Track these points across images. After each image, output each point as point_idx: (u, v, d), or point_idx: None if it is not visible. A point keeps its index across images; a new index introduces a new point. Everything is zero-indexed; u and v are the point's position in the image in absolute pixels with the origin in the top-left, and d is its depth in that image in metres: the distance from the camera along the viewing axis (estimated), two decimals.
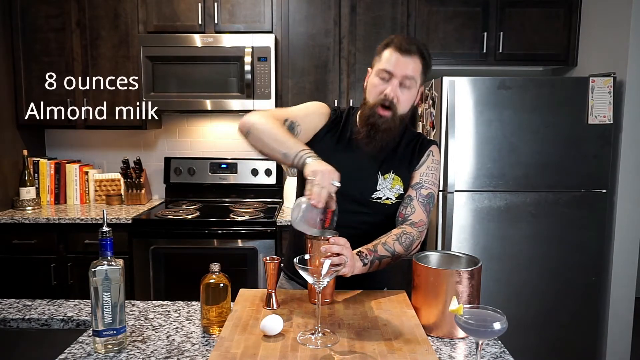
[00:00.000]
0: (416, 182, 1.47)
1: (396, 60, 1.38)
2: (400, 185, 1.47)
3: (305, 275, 1.10)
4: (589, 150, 2.52)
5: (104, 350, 1.11)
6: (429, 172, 1.49)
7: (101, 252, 1.10)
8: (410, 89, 1.40)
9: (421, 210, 1.45)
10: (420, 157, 1.50)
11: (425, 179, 1.48)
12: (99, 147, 3.33)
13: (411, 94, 1.42)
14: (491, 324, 0.95)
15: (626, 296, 2.65)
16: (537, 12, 2.90)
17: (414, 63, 1.39)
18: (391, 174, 1.46)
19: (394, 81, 1.38)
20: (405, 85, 1.39)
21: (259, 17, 2.89)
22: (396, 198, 1.46)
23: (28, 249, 2.74)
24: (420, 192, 1.46)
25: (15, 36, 2.92)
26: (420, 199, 1.45)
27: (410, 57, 1.39)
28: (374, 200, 1.45)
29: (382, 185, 1.45)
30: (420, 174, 1.48)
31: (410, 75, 1.39)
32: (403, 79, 1.38)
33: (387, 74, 1.39)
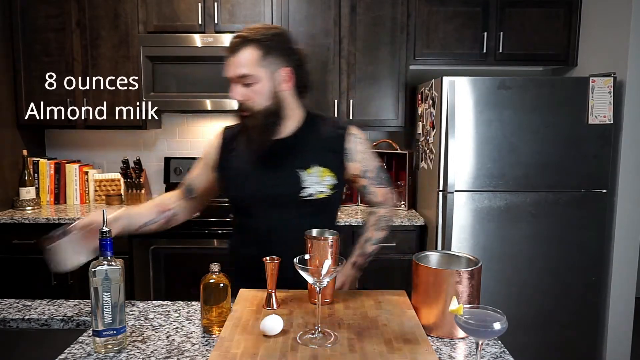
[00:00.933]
0: (361, 171, 1.47)
1: (228, 63, 1.36)
2: (331, 177, 1.43)
3: (305, 275, 1.10)
4: (589, 150, 2.52)
5: (104, 350, 1.11)
6: (364, 156, 1.48)
7: (101, 252, 1.10)
8: (255, 85, 1.35)
9: (379, 189, 1.51)
10: (343, 144, 1.45)
11: (365, 163, 1.48)
12: (99, 147, 3.33)
13: (259, 87, 1.36)
14: (491, 324, 0.95)
15: (626, 296, 2.64)
16: (537, 12, 2.90)
17: (243, 59, 1.34)
18: (316, 167, 1.42)
19: (233, 84, 1.38)
20: (245, 82, 1.35)
21: (259, 17, 2.89)
22: (331, 189, 1.42)
23: (28, 249, 2.73)
24: (369, 176, 1.49)
25: (15, 36, 2.92)
26: (373, 181, 1.50)
27: (237, 55, 1.35)
28: (305, 198, 1.41)
29: (308, 180, 1.41)
30: (359, 162, 1.47)
31: (243, 73, 1.34)
32: (239, 79, 1.36)
33: (229, 79, 1.38)
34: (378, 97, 2.97)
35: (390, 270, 2.75)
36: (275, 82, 1.38)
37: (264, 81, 1.36)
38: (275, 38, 1.37)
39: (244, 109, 1.39)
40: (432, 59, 2.96)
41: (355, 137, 1.47)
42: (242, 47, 1.34)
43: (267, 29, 1.39)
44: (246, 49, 1.34)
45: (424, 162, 2.84)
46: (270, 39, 1.36)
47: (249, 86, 1.36)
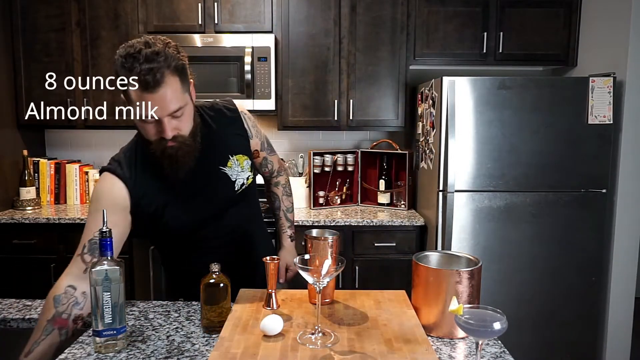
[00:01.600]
0: (259, 145, 1.54)
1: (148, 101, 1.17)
2: (246, 159, 1.46)
3: (305, 275, 1.10)
4: (589, 150, 2.52)
5: (104, 350, 1.11)
6: (257, 130, 1.54)
7: (101, 252, 1.10)
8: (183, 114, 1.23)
9: (274, 156, 1.63)
10: (242, 125, 1.48)
11: (260, 136, 1.55)
12: (99, 147, 3.33)
13: (187, 113, 1.25)
14: (491, 324, 0.95)
15: (626, 296, 2.64)
16: (537, 12, 2.90)
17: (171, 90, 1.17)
18: (232, 158, 1.42)
19: (165, 121, 1.20)
20: (177, 115, 1.21)
21: (259, 17, 2.89)
22: (251, 171, 1.47)
23: (28, 249, 2.74)
24: (265, 147, 1.58)
25: (15, 36, 2.92)
26: (269, 151, 1.60)
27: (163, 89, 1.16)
28: (240, 190, 1.43)
29: (233, 173, 1.42)
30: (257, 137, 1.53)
31: (175, 108, 1.19)
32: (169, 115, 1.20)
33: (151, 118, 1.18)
34: (378, 97, 2.97)
35: (390, 270, 2.75)
36: (192, 100, 1.29)
37: (189, 106, 1.26)
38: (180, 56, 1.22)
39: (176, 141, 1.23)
40: (432, 59, 2.96)
41: (245, 114, 1.51)
42: (163, 79, 1.16)
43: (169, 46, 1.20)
44: (168, 79, 1.17)
45: (424, 162, 2.84)
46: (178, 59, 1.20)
47: (178, 118, 1.22)
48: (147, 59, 1.15)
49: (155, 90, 1.16)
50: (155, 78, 1.14)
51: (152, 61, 1.15)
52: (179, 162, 1.27)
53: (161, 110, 1.18)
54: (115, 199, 1.28)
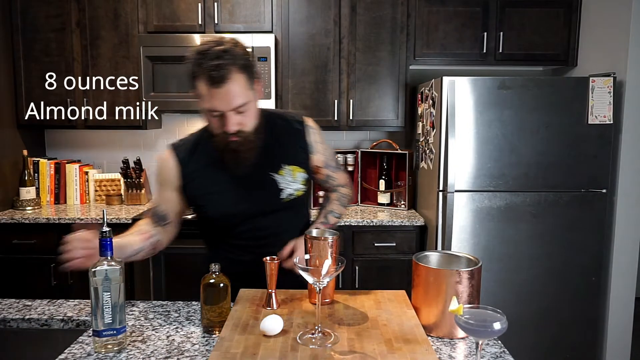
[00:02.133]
0: (323, 162, 1.52)
1: (215, 96, 1.24)
2: (302, 172, 1.45)
3: (305, 275, 1.10)
4: (589, 150, 2.52)
5: (104, 350, 1.11)
6: (323, 146, 1.52)
7: (101, 252, 1.10)
8: (247, 110, 1.30)
9: (340, 173, 1.59)
10: (305, 138, 1.46)
11: (325, 152, 1.52)
12: (99, 147, 3.33)
13: (251, 110, 1.32)
14: (491, 324, 0.95)
15: (626, 296, 2.65)
16: (537, 12, 2.90)
17: (237, 86, 1.25)
18: (286, 167, 1.43)
19: (228, 115, 1.27)
20: (240, 111, 1.29)
21: (259, 17, 2.89)
22: (304, 185, 1.46)
23: (28, 249, 2.74)
24: (330, 164, 1.55)
25: (15, 36, 2.92)
26: (334, 170, 1.56)
27: (228, 84, 1.23)
28: (286, 199, 1.43)
29: (283, 182, 1.42)
30: (321, 153, 1.50)
31: (240, 104, 1.27)
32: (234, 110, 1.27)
33: (215, 112, 1.28)
34: (378, 97, 2.97)
35: (390, 270, 2.75)
36: (257, 99, 1.35)
37: (253, 104, 1.33)
38: (248, 55, 1.30)
39: (238, 135, 1.31)
40: (432, 59, 2.96)
41: (312, 129, 1.49)
42: (230, 75, 1.23)
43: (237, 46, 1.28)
44: (234, 76, 1.24)
45: (424, 162, 2.84)
46: (246, 58, 1.29)
47: (242, 113, 1.30)
48: (216, 56, 1.23)
49: (221, 86, 1.23)
50: (221, 74, 1.22)
51: (220, 58, 1.23)
52: (241, 157, 1.35)
53: (226, 105, 1.26)
54: (169, 176, 1.43)
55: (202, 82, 1.25)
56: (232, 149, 1.34)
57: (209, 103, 1.27)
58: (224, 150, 1.35)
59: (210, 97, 1.26)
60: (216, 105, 1.26)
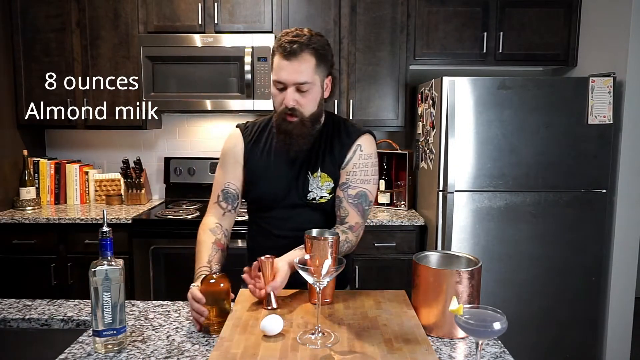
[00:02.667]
0: (343, 182, 1.46)
1: (284, 68, 1.34)
2: (329, 182, 1.46)
3: (305, 275, 1.10)
4: (589, 150, 2.52)
5: (104, 350, 1.11)
6: (357, 170, 1.45)
7: (101, 252, 1.10)
8: (309, 91, 1.36)
9: (354, 212, 1.45)
10: (345, 153, 1.45)
11: (353, 177, 1.44)
12: (99, 147, 3.33)
13: (312, 94, 1.38)
14: (491, 324, 0.95)
15: (626, 296, 2.65)
16: (537, 12, 2.90)
17: (304, 64, 1.33)
18: (319, 172, 1.45)
19: (289, 90, 1.35)
20: (301, 89, 1.35)
21: (259, 17, 2.89)
22: (329, 194, 1.47)
23: (28, 249, 2.74)
24: (348, 193, 1.45)
25: (15, 36, 2.92)
26: (350, 200, 1.44)
27: (296, 60, 1.33)
28: (309, 201, 1.46)
29: (313, 185, 1.45)
30: (347, 173, 1.45)
31: (302, 80, 1.34)
32: (297, 85, 1.35)
33: (280, 84, 1.36)
34: (378, 97, 2.97)
35: (390, 270, 2.75)
36: (322, 90, 1.42)
37: (316, 88, 1.38)
38: (326, 47, 1.39)
39: (294, 114, 1.38)
40: (432, 59, 2.96)
41: (359, 148, 1.45)
42: (301, 52, 1.32)
43: (316, 35, 1.38)
44: (305, 55, 1.33)
45: (424, 162, 2.84)
46: (322, 46, 1.37)
47: (302, 93, 1.36)
48: (295, 35, 1.35)
49: (290, 59, 1.33)
50: (292, 48, 1.32)
51: (297, 36, 1.34)
52: (292, 140, 1.40)
53: (290, 77, 1.34)
54: (237, 153, 1.51)
55: (277, 55, 1.35)
56: (286, 130, 1.39)
57: (277, 74, 1.36)
58: (279, 129, 1.41)
59: (279, 68, 1.35)
60: (282, 76, 1.34)
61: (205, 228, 1.50)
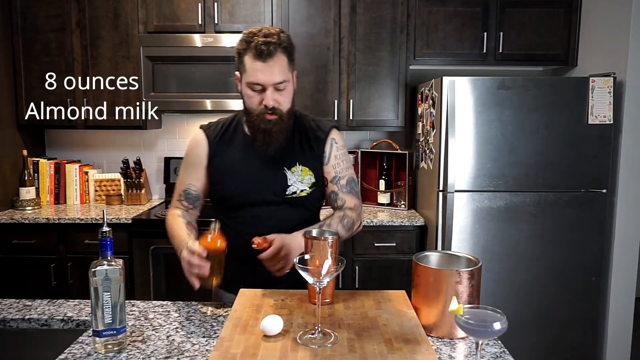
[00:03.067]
0: (333, 177, 1.50)
1: (260, 70, 1.34)
2: (310, 175, 1.48)
3: (305, 275, 1.10)
4: (589, 150, 2.52)
5: (104, 350, 1.11)
6: (339, 162, 1.51)
7: (101, 252, 1.10)
8: (285, 89, 1.40)
9: (350, 198, 1.51)
10: (323, 147, 1.50)
11: (339, 169, 1.51)
12: (99, 147, 3.33)
13: (289, 90, 1.41)
14: (491, 324, 0.95)
15: (626, 296, 2.65)
16: (537, 12, 2.90)
17: (279, 64, 1.36)
18: (297, 166, 1.47)
19: (269, 91, 1.37)
20: (279, 88, 1.38)
21: (259, 17, 2.89)
22: (310, 187, 1.47)
23: (28, 249, 2.74)
24: (341, 184, 1.50)
25: (15, 36, 2.92)
26: (344, 190, 1.50)
27: (272, 61, 1.34)
28: (289, 196, 1.46)
29: (292, 179, 1.47)
30: (333, 167, 1.50)
31: (280, 80, 1.37)
32: (275, 85, 1.37)
33: (257, 85, 1.37)
34: (378, 97, 2.97)
35: (390, 270, 2.75)
36: (294, 85, 1.45)
37: (290, 85, 1.42)
38: (292, 43, 1.41)
39: (274, 113, 1.39)
40: (432, 59, 2.96)
41: (334, 141, 1.52)
42: (275, 51, 1.34)
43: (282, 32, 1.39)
44: (279, 54, 1.35)
45: (424, 162, 2.84)
46: (290, 43, 1.40)
47: (280, 91, 1.39)
48: (265, 35, 1.35)
49: (266, 60, 1.34)
50: (269, 49, 1.33)
51: (268, 36, 1.35)
52: (272, 138, 1.42)
53: (269, 78, 1.35)
54: (199, 155, 1.51)
55: (250, 57, 1.35)
56: (265, 129, 1.41)
57: (254, 77, 1.36)
58: (257, 128, 1.42)
59: (255, 70, 1.35)
60: (260, 78, 1.35)
61: (174, 215, 1.52)
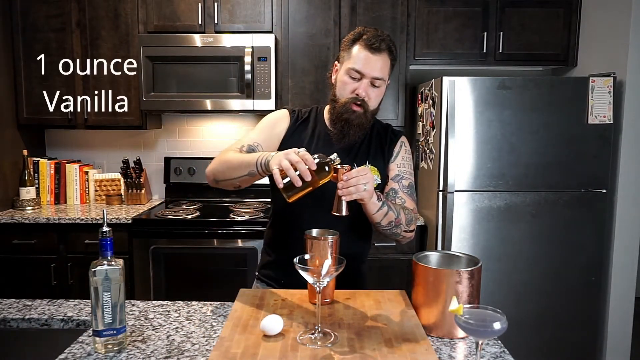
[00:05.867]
0: (396, 174, 1.51)
1: (366, 59, 1.38)
2: (377, 175, 1.48)
3: (305, 275, 1.10)
4: (589, 150, 2.52)
5: (104, 350, 1.11)
6: (405, 163, 1.53)
7: (101, 252, 1.10)
8: (380, 87, 1.43)
9: (410, 200, 1.50)
10: (393, 148, 1.53)
11: (403, 169, 1.52)
12: (99, 147, 3.33)
13: (381, 91, 1.44)
14: (491, 324, 0.95)
15: (626, 296, 2.65)
16: (537, 12, 2.90)
17: (383, 61, 1.40)
18: (367, 164, 1.48)
19: (365, 81, 1.40)
20: (375, 84, 1.41)
21: (259, 17, 2.89)
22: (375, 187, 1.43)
23: (28, 249, 2.74)
24: (402, 183, 1.50)
25: (15, 36, 2.92)
26: (405, 190, 1.50)
27: (379, 56, 1.39)
28: None
29: None
30: (397, 166, 1.52)
31: (380, 76, 1.40)
32: (373, 79, 1.40)
33: (357, 73, 1.40)
34: None
35: (390, 270, 2.75)
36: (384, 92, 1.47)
37: (384, 87, 1.45)
38: (397, 51, 1.45)
39: (361, 105, 1.41)
40: (432, 59, 2.96)
41: (403, 144, 1.55)
42: (385, 50, 1.38)
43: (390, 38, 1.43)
44: (386, 53, 1.39)
45: (424, 162, 2.84)
46: (396, 50, 1.44)
47: (374, 87, 1.42)
48: (376, 33, 1.41)
49: (376, 54, 1.38)
50: (381, 45, 1.38)
51: (382, 35, 1.41)
52: (351, 130, 1.43)
53: (371, 70, 1.39)
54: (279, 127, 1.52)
55: (360, 46, 1.39)
56: (348, 119, 1.42)
57: (358, 64, 1.38)
58: (339, 117, 1.43)
59: (361, 59, 1.38)
60: (363, 68, 1.38)
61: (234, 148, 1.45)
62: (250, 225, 2.69)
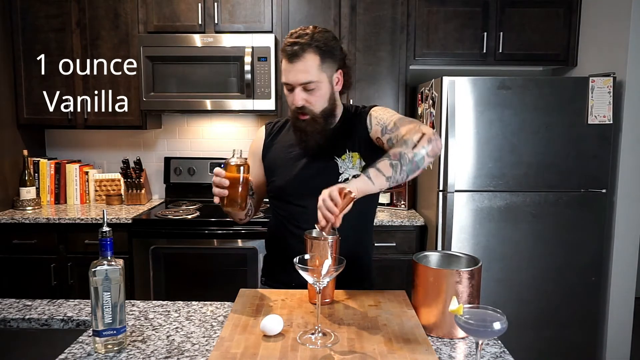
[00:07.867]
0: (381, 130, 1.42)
1: (286, 70, 1.38)
2: (360, 159, 1.47)
3: (305, 275, 1.10)
4: (589, 150, 2.52)
5: (104, 350, 1.11)
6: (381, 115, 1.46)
7: (101, 252, 1.10)
8: (316, 89, 1.40)
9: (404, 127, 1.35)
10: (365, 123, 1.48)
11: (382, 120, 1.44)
12: (99, 147, 3.33)
13: (320, 91, 1.41)
14: (491, 324, 0.95)
15: (626, 296, 2.65)
16: (537, 12, 2.90)
17: (305, 64, 1.37)
18: (347, 152, 1.47)
19: (296, 90, 1.39)
20: (308, 88, 1.39)
21: (259, 17, 2.89)
22: (361, 170, 1.43)
23: (28, 249, 2.74)
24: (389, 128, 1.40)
25: (15, 36, 2.92)
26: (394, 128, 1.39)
27: (299, 61, 1.37)
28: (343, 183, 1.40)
29: (343, 166, 1.47)
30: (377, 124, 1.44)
31: (306, 80, 1.38)
32: (303, 86, 1.39)
33: (288, 85, 1.41)
34: (378, 97, 2.97)
35: (390, 270, 2.75)
36: (332, 85, 1.45)
37: (323, 85, 1.42)
38: (331, 42, 1.41)
39: (305, 112, 1.41)
40: (432, 59, 2.96)
41: (373, 110, 1.51)
42: (303, 53, 1.36)
43: (320, 32, 1.40)
44: (307, 55, 1.36)
45: None
46: (326, 43, 1.39)
47: (310, 91, 1.40)
48: (297, 35, 1.39)
49: (292, 61, 1.37)
50: (293, 50, 1.36)
51: (299, 37, 1.38)
52: (308, 137, 1.45)
53: (294, 79, 1.38)
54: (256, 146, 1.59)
55: (283, 56, 1.40)
56: (300, 127, 1.44)
57: (285, 76, 1.40)
58: (295, 127, 1.47)
59: (285, 70, 1.40)
60: (288, 79, 1.39)
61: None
62: (250, 225, 2.68)
